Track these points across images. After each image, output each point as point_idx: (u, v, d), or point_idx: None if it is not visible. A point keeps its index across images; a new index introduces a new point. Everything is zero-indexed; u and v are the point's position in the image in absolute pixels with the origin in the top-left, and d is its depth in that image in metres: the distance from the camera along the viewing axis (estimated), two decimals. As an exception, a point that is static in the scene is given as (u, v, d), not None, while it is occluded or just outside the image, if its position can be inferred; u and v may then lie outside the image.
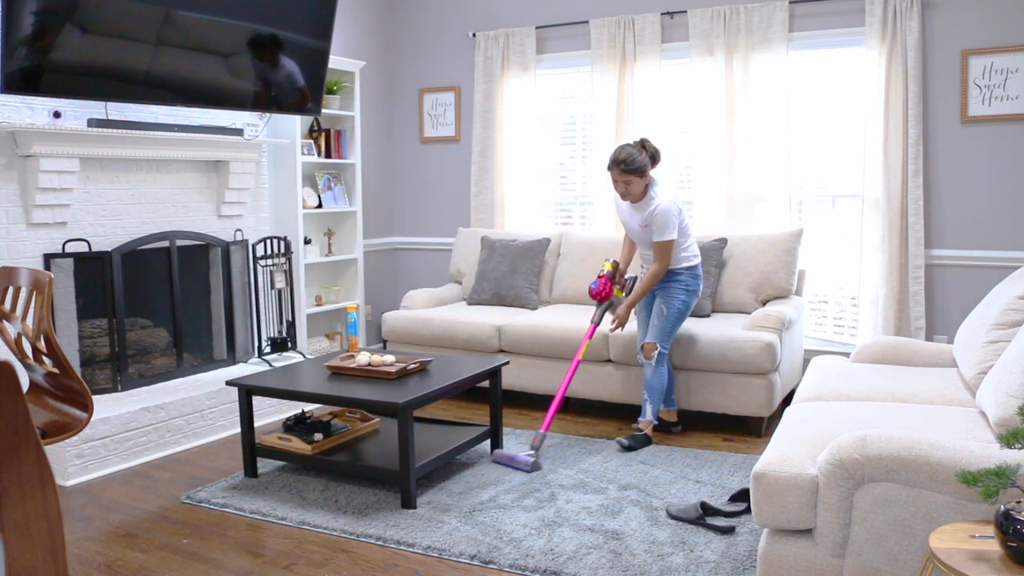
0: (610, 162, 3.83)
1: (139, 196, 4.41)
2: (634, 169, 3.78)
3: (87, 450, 3.71)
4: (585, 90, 5.62)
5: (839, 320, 5.08)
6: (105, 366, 4.20)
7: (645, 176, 3.84)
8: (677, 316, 3.95)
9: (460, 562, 2.83)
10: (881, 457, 2.12)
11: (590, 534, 3.00)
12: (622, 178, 3.81)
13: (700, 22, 5.08)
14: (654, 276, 3.91)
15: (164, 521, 3.23)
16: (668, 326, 3.94)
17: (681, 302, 3.95)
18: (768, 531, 2.32)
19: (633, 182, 3.82)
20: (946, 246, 4.71)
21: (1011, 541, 1.73)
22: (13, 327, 2.70)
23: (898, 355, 3.55)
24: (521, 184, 5.78)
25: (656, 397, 3.99)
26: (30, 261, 3.92)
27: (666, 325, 3.94)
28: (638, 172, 3.80)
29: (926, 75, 4.66)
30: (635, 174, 3.80)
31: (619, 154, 3.80)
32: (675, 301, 3.94)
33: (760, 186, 5.02)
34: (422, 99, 6.22)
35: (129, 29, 3.84)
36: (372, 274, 6.22)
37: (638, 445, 3.96)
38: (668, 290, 3.96)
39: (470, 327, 4.78)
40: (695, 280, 3.98)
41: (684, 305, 3.96)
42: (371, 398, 3.29)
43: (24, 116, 3.89)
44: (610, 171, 3.85)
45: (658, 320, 3.94)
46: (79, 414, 2.56)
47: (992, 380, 2.48)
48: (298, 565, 2.83)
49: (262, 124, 5.07)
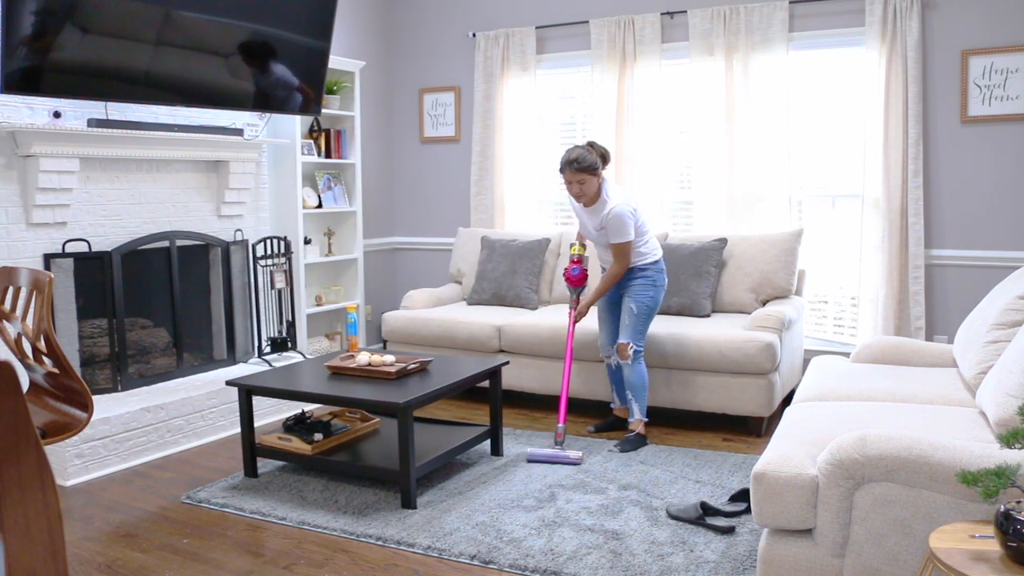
0: (561, 164, 3.87)
1: (139, 196, 4.41)
2: (586, 167, 3.81)
3: (87, 450, 3.71)
4: (585, 90, 5.62)
5: (839, 320, 5.08)
6: (105, 366, 4.20)
7: (598, 175, 3.87)
8: (647, 312, 3.97)
9: (460, 562, 2.83)
10: (881, 457, 2.12)
11: (590, 534, 3.00)
12: (575, 177, 3.83)
13: (700, 22, 5.08)
14: (614, 276, 3.95)
15: (164, 521, 3.23)
16: (640, 323, 3.96)
17: (649, 298, 3.96)
18: (768, 531, 2.32)
19: (587, 181, 3.84)
20: (946, 246, 4.71)
21: (1011, 541, 1.73)
22: (13, 327, 2.70)
23: (898, 355, 3.55)
24: (521, 184, 5.78)
25: (641, 395, 3.99)
26: (30, 261, 3.92)
27: (637, 322, 3.95)
28: (590, 170, 3.82)
29: (926, 75, 4.66)
30: (587, 172, 3.82)
31: (569, 155, 3.84)
32: (643, 297, 3.95)
33: (760, 186, 5.02)
34: (422, 99, 6.22)
35: (129, 29, 3.84)
36: (372, 274, 6.22)
37: (633, 447, 3.96)
38: (634, 287, 3.98)
39: (470, 327, 4.78)
40: (660, 274, 4.01)
41: (652, 301, 3.97)
42: (371, 398, 3.29)
43: (24, 116, 3.89)
44: (562, 173, 3.87)
45: (629, 318, 3.94)
46: (79, 414, 2.56)
47: (992, 380, 2.48)
48: (298, 565, 2.83)
49: (262, 124, 5.07)
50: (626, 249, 3.90)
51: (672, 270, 4.63)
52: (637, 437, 4.00)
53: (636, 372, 3.97)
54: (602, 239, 3.98)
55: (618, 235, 3.87)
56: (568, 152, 3.86)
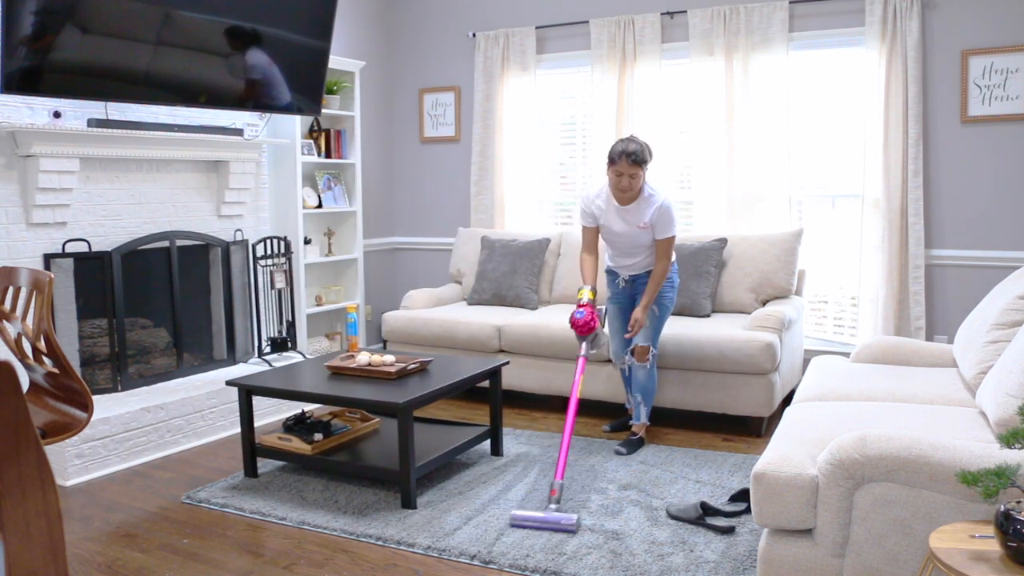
0: (616, 154, 3.69)
1: (139, 196, 4.41)
2: (641, 161, 3.68)
3: (87, 450, 3.71)
4: (585, 90, 5.62)
5: (839, 320, 5.08)
6: (105, 366, 4.20)
7: (646, 169, 3.76)
8: (667, 314, 3.94)
9: (460, 562, 2.83)
10: (881, 457, 2.12)
11: (590, 534, 3.00)
12: (629, 170, 3.67)
13: (700, 22, 5.08)
14: (662, 273, 3.83)
15: (164, 521, 3.23)
16: (660, 326, 3.94)
17: (669, 299, 3.93)
18: (768, 531, 2.32)
19: (638, 175, 3.70)
20: (946, 246, 4.71)
21: (1011, 541, 1.73)
22: (13, 327, 2.70)
23: (898, 355, 3.55)
24: (521, 184, 5.78)
25: (651, 399, 3.99)
26: (30, 261, 3.92)
27: (658, 325, 3.92)
28: (643, 164, 3.70)
29: (926, 75, 4.66)
30: (642, 166, 3.70)
31: (627, 146, 3.67)
32: (664, 300, 3.91)
33: (760, 186, 5.02)
34: (422, 99, 6.22)
35: (129, 29, 3.84)
36: (372, 274, 6.22)
37: (635, 449, 3.95)
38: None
39: (470, 327, 4.78)
40: (675, 275, 3.98)
41: (670, 302, 3.94)
42: (371, 398, 3.29)
43: (24, 116, 3.89)
44: (615, 164, 3.69)
45: (650, 321, 3.89)
46: (79, 414, 2.56)
47: (992, 380, 2.48)
48: (298, 565, 2.83)
49: (262, 124, 5.07)
50: (671, 244, 3.82)
51: (672, 270, 4.63)
52: (639, 440, 3.99)
53: (651, 376, 3.94)
54: (641, 237, 3.84)
55: (668, 229, 3.78)
56: (624, 143, 3.68)
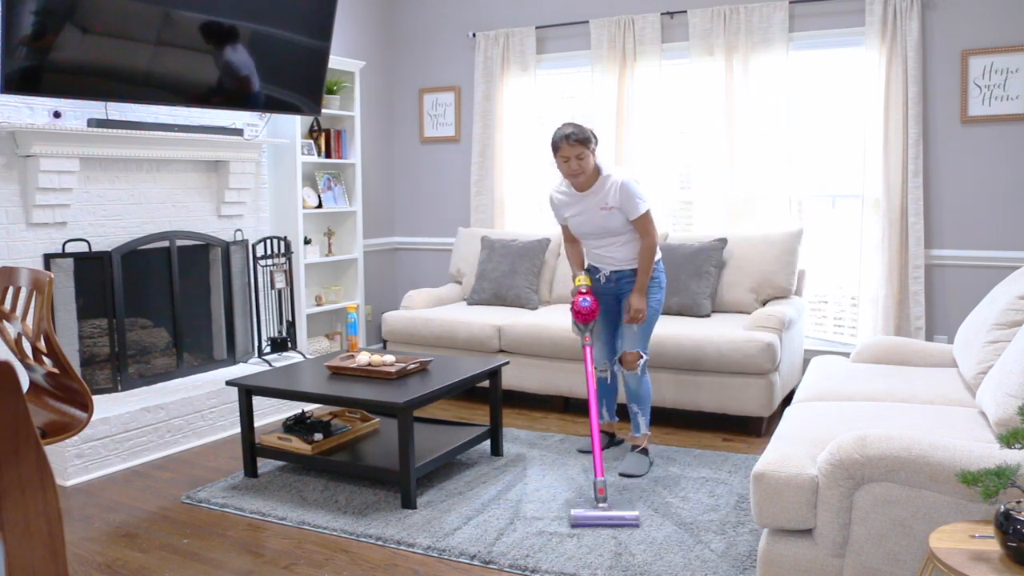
0: (556, 140, 3.48)
1: (139, 196, 4.41)
2: (584, 139, 3.45)
3: (87, 450, 3.71)
4: (585, 90, 5.62)
5: (839, 320, 5.07)
6: (105, 366, 4.20)
7: (593, 149, 3.52)
8: (656, 317, 3.66)
9: (460, 562, 2.83)
10: (881, 457, 2.12)
11: (590, 534, 3.00)
12: (574, 151, 3.44)
13: (700, 22, 5.08)
14: (650, 251, 3.56)
15: (164, 521, 3.23)
16: (649, 330, 3.65)
17: (657, 301, 3.64)
18: (768, 531, 2.32)
19: (585, 155, 3.46)
20: (946, 246, 4.71)
21: (1011, 541, 1.73)
22: (13, 327, 2.70)
23: (898, 355, 3.55)
24: (521, 184, 5.78)
25: (647, 407, 3.69)
26: (30, 261, 3.92)
27: (648, 329, 3.63)
28: (587, 142, 3.46)
29: (926, 75, 4.66)
30: (586, 144, 3.46)
31: (565, 129, 3.46)
32: (651, 302, 3.62)
33: (760, 186, 5.02)
34: (422, 99, 6.22)
35: (129, 29, 3.84)
36: (372, 274, 6.22)
37: (644, 470, 3.64)
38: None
39: (470, 327, 4.78)
40: (662, 274, 3.69)
41: (659, 304, 3.65)
42: (371, 398, 3.29)
43: (24, 116, 3.89)
44: (558, 150, 3.48)
45: (638, 326, 3.60)
46: (79, 414, 2.56)
47: (992, 380, 2.48)
48: (298, 565, 2.83)
49: (262, 124, 5.06)
50: (649, 219, 3.53)
51: (672, 270, 4.62)
52: (643, 453, 3.72)
53: (644, 383, 3.65)
54: (610, 222, 3.55)
55: (636, 207, 3.49)
56: (562, 128, 3.48)
